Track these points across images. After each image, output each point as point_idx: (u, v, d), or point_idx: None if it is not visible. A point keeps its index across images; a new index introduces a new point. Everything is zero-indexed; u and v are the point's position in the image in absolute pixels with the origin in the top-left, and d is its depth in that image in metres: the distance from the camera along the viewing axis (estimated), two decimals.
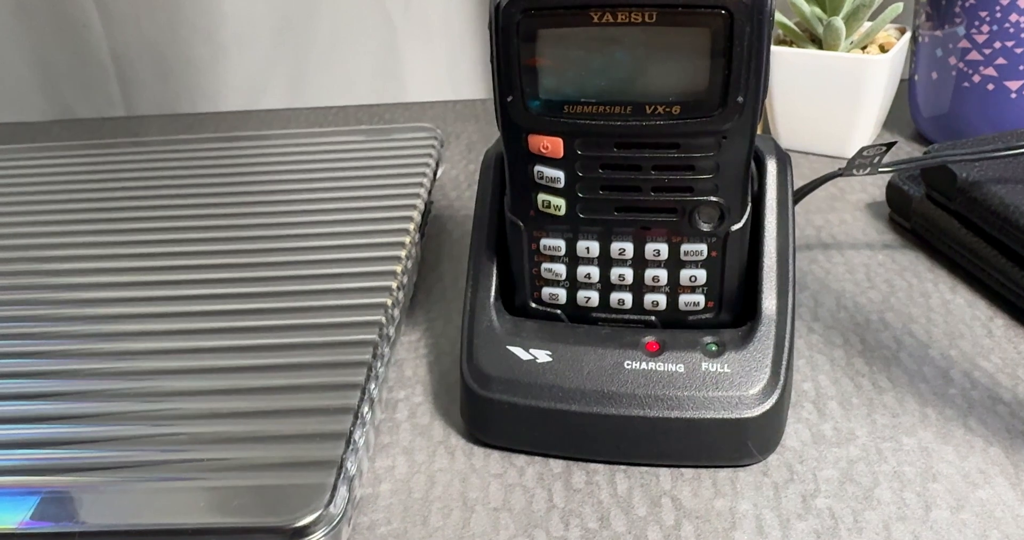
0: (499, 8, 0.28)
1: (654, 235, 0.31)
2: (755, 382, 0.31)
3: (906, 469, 0.30)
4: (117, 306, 0.37)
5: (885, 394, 0.34)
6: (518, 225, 0.32)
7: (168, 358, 0.33)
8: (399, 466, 0.32)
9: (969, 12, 0.48)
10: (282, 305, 0.36)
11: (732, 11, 0.26)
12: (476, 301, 0.34)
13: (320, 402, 0.30)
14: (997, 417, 0.32)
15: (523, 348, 0.32)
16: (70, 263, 0.40)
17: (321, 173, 0.47)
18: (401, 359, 0.38)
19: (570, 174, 0.30)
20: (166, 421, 0.30)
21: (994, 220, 0.38)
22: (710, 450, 0.31)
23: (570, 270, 0.32)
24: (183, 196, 0.46)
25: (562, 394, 0.31)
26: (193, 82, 0.70)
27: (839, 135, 0.52)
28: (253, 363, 0.33)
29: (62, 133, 0.65)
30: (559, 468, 0.32)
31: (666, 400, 0.31)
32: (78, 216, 0.45)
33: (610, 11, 0.27)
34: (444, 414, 0.34)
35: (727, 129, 0.28)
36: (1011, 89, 0.48)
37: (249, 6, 0.66)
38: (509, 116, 0.29)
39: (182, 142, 0.53)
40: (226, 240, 0.41)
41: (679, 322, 0.33)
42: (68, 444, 0.30)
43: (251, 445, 0.29)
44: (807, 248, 0.44)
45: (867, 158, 0.38)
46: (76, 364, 0.34)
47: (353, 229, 0.41)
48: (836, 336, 0.37)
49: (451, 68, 0.69)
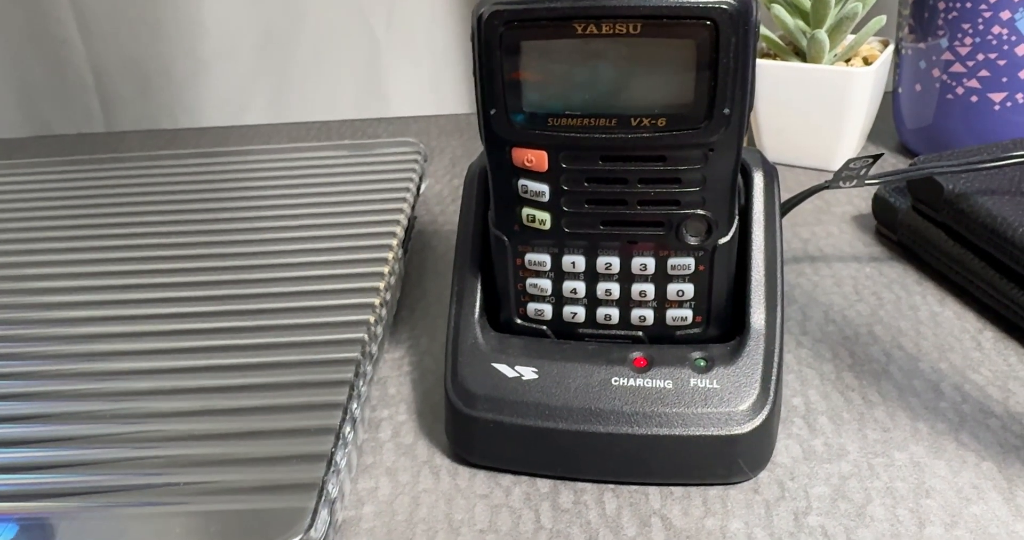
0: (481, 20, 0.27)
1: (641, 249, 0.31)
2: (744, 398, 0.30)
3: (898, 485, 0.30)
4: (95, 325, 0.36)
5: (876, 408, 0.33)
6: (502, 240, 0.32)
7: (146, 378, 0.33)
8: (382, 487, 0.31)
9: (952, 25, 0.48)
10: (263, 323, 0.35)
11: (717, 22, 0.26)
12: (460, 318, 0.33)
13: (301, 423, 0.30)
14: (989, 431, 0.32)
15: (508, 365, 0.32)
16: (47, 282, 0.40)
17: (303, 189, 0.47)
18: (384, 377, 0.37)
19: (555, 188, 0.30)
20: (144, 444, 0.29)
21: (981, 231, 0.38)
22: (700, 468, 0.30)
23: (556, 285, 0.32)
24: (163, 213, 0.45)
25: (548, 412, 0.31)
26: (174, 97, 0.69)
27: (824, 148, 0.52)
28: (233, 383, 0.32)
29: (40, 149, 0.65)
30: (546, 488, 0.31)
31: (654, 417, 0.30)
32: (56, 233, 0.44)
33: (594, 23, 0.26)
34: (428, 433, 0.34)
35: (713, 141, 0.28)
36: (994, 101, 0.48)
37: (230, 21, 0.66)
38: (492, 129, 0.29)
39: (162, 158, 0.52)
40: (206, 258, 0.41)
41: (667, 337, 0.32)
42: (44, 469, 0.29)
43: (230, 468, 0.28)
44: (794, 261, 0.43)
45: (854, 170, 0.38)
46: (52, 386, 0.33)
47: (335, 245, 0.40)
48: (825, 350, 0.37)
49: (434, 82, 0.68)
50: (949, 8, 0.47)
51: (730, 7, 0.26)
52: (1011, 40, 0.46)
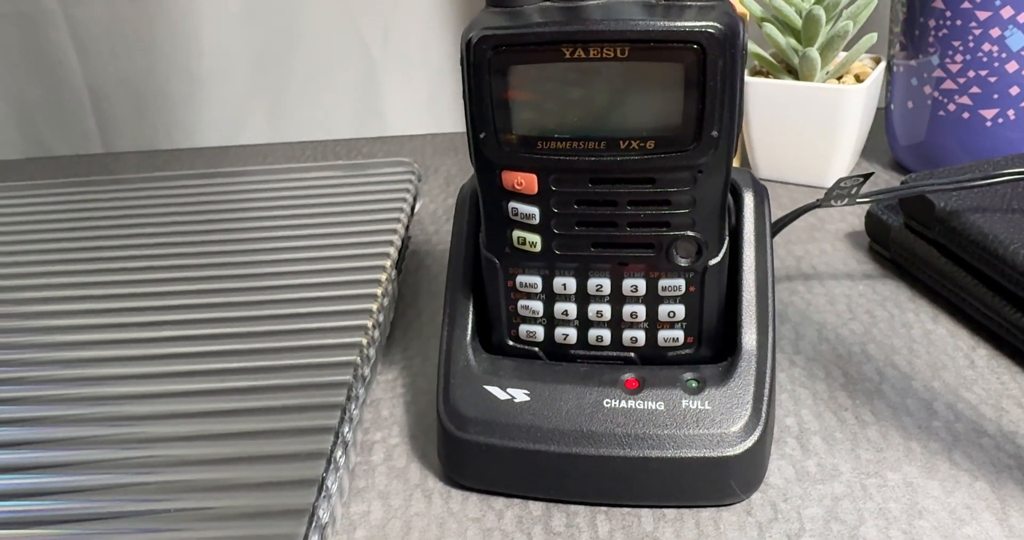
0: (471, 44, 0.27)
1: (631, 271, 0.31)
2: (736, 419, 0.30)
3: (891, 506, 0.30)
4: (88, 349, 0.36)
5: (869, 428, 0.33)
6: (494, 262, 0.32)
7: (137, 403, 0.33)
8: (374, 511, 0.31)
9: (942, 42, 0.48)
10: (255, 346, 0.35)
11: (704, 46, 0.26)
12: (452, 340, 0.33)
13: (292, 447, 0.30)
14: (982, 450, 0.32)
15: (500, 387, 0.32)
16: (42, 306, 0.40)
17: (297, 210, 0.47)
18: (377, 399, 0.37)
19: (545, 210, 0.30)
20: (134, 470, 0.29)
21: (973, 249, 0.38)
22: (692, 489, 0.30)
23: (547, 307, 0.32)
24: (157, 235, 0.45)
25: (540, 435, 0.31)
26: (171, 117, 0.69)
27: (817, 165, 0.52)
28: (225, 407, 0.32)
29: (36, 171, 0.65)
30: (539, 511, 0.31)
31: (646, 439, 0.30)
32: (51, 256, 0.44)
33: (582, 47, 0.27)
34: (421, 456, 0.34)
35: (702, 163, 0.28)
36: (986, 117, 0.48)
37: (226, 41, 0.66)
38: (482, 152, 0.29)
39: (157, 179, 0.52)
40: (200, 280, 0.41)
41: (659, 358, 0.32)
42: (37, 496, 0.29)
43: (222, 494, 0.28)
44: (788, 279, 0.43)
45: (844, 189, 0.38)
46: (44, 411, 0.33)
47: (329, 267, 0.41)
48: (818, 369, 0.37)
49: (431, 101, 0.69)
50: (939, 26, 0.48)
51: (717, 31, 0.26)
52: (1001, 57, 0.46)
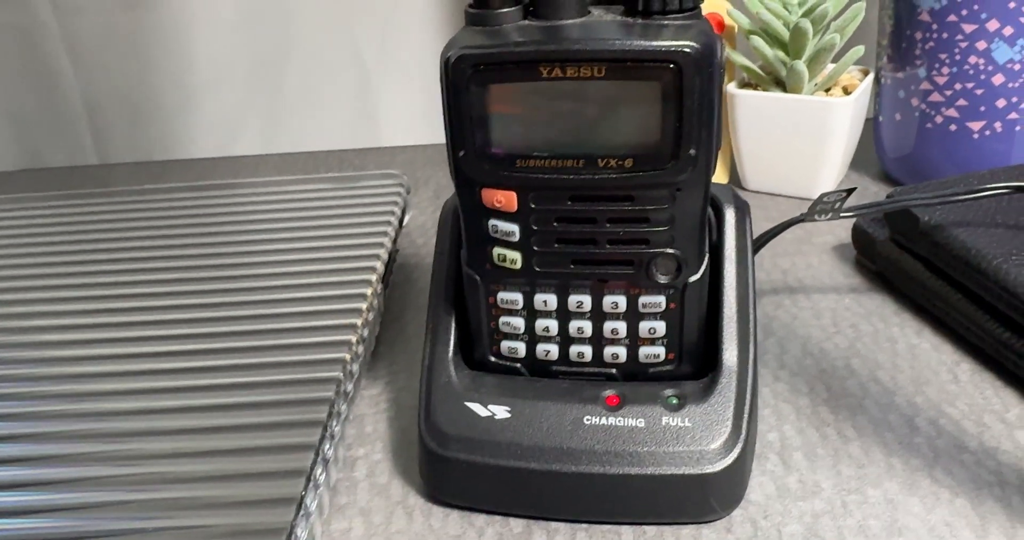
0: (449, 63, 0.27)
1: (612, 288, 0.31)
2: (716, 436, 0.30)
3: (872, 523, 0.30)
4: (75, 365, 0.36)
5: (851, 444, 0.33)
6: (475, 279, 0.32)
7: (120, 419, 0.33)
8: (355, 528, 0.31)
9: (929, 55, 0.48)
10: (240, 362, 0.35)
11: (681, 65, 0.26)
12: (434, 356, 0.33)
13: (272, 465, 0.30)
14: (963, 467, 0.32)
15: (481, 404, 0.32)
16: (32, 320, 0.40)
17: (286, 223, 0.47)
18: (361, 414, 0.37)
19: (525, 228, 0.30)
20: (111, 488, 0.29)
21: (957, 263, 0.38)
22: (672, 507, 0.30)
23: (528, 323, 0.32)
24: (148, 248, 0.45)
25: (520, 452, 0.31)
26: (165, 129, 0.69)
27: (806, 176, 0.52)
28: (205, 424, 0.32)
29: (31, 182, 0.65)
30: (519, 528, 0.31)
31: (626, 456, 0.30)
32: (44, 270, 0.44)
33: (559, 66, 0.27)
34: (403, 472, 0.34)
35: (680, 181, 0.28)
36: (973, 130, 0.48)
37: (220, 52, 0.66)
38: (462, 170, 0.29)
39: (149, 192, 0.52)
40: (187, 294, 0.41)
41: (640, 374, 0.32)
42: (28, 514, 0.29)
43: (200, 512, 0.28)
44: (773, 293, 0.43)
45: (828, 204, 0.38)
46: (20, 428, 0.33)
47: (315, 281, 0.41)
48: (802, 384, 0.37)
49: (425, 111, 0.69)
50: (926, 38, 0.48)
51: (693, 50, 0.26)
52: (987, 70, 0.46)
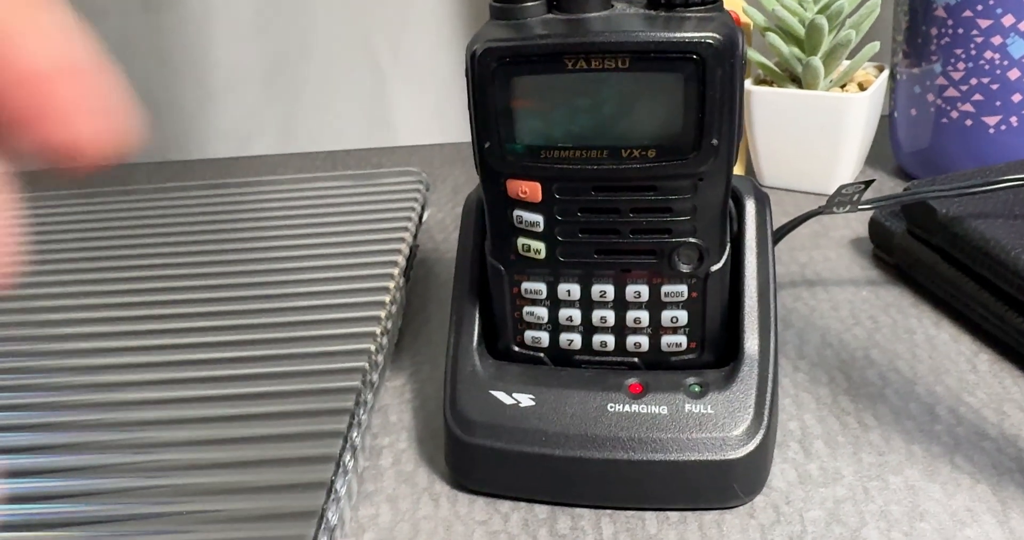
0: (475, 57, 0.28)
1: (634, 277, 0.31)
2: (739, 423, 0.30)
3: (893, 508, 0.30)
4: (100, 356, 0.37)
5: (871, 432, 0.34)
6: (499, 269, 0.32)
7: (150, 408, 0.33)
8: (383, 514, 0.32)
9: (945, 50, 0.48)
10: (265, 353, 0.36)
11: (704, 57, 0.27)
12: (459, 346, 0.34)
13: (301, 451, 0.30)
14: (983, 453, 0.32)
15: (506, 392, 0.32)
16: (56, 314, 0.40)
17: (307, 220, 0.47)
18: (386, 405, 0.38)
19: (549, 218, 0.30)
20: (146, 473, 0.30)
21: (975, 255, 0.38)
22: (695, 493, 0.31)
23: (552, 313, 0.32)
24: (170, 244, 0.46)
25: (545, 438, 0.31)
26: (183, 129, 0.70)
27: (822, 172, 0.53)
28: (235, 412, 0.32)
29: (51, 182, 0.66)
30: (544, 513, 0.31)
31: (650, 443, 0.30)
32: (65, 266, 0.45)
33: (584, 58, 0.27)
34: (429, 460, 0.34)
35: (703, 171, 0.29)
36: (989, 124, 0.48)
37: (238, 53, 0.67)
38: (487, 162, 0.30)
39: (169, 190, 0.53)
40: (211, 288, 0.41)
41: (662, 363, 0.33)
42: (51, 499, 0.29)
43: (232, 496, 0.29)
44: (792, 285, 0.44)
45: (846, 196, 0.39)
46: (59, 417, 0.33)
47: (338, 275, 0.41)
48: (822, 374, 0.37)
49: (439, 111, 0.69)
50: (941, 34, 0.48)
51: (716, 42, 0.27)
52: (1003, 65, 0.47)
